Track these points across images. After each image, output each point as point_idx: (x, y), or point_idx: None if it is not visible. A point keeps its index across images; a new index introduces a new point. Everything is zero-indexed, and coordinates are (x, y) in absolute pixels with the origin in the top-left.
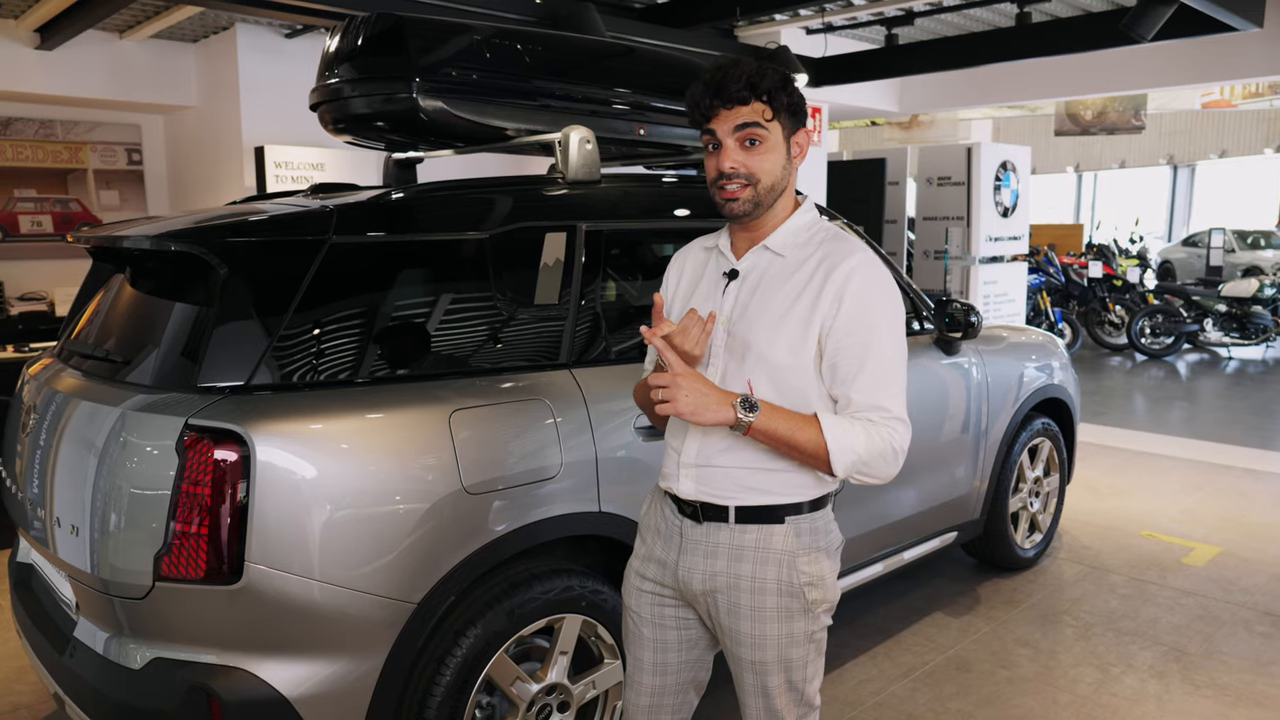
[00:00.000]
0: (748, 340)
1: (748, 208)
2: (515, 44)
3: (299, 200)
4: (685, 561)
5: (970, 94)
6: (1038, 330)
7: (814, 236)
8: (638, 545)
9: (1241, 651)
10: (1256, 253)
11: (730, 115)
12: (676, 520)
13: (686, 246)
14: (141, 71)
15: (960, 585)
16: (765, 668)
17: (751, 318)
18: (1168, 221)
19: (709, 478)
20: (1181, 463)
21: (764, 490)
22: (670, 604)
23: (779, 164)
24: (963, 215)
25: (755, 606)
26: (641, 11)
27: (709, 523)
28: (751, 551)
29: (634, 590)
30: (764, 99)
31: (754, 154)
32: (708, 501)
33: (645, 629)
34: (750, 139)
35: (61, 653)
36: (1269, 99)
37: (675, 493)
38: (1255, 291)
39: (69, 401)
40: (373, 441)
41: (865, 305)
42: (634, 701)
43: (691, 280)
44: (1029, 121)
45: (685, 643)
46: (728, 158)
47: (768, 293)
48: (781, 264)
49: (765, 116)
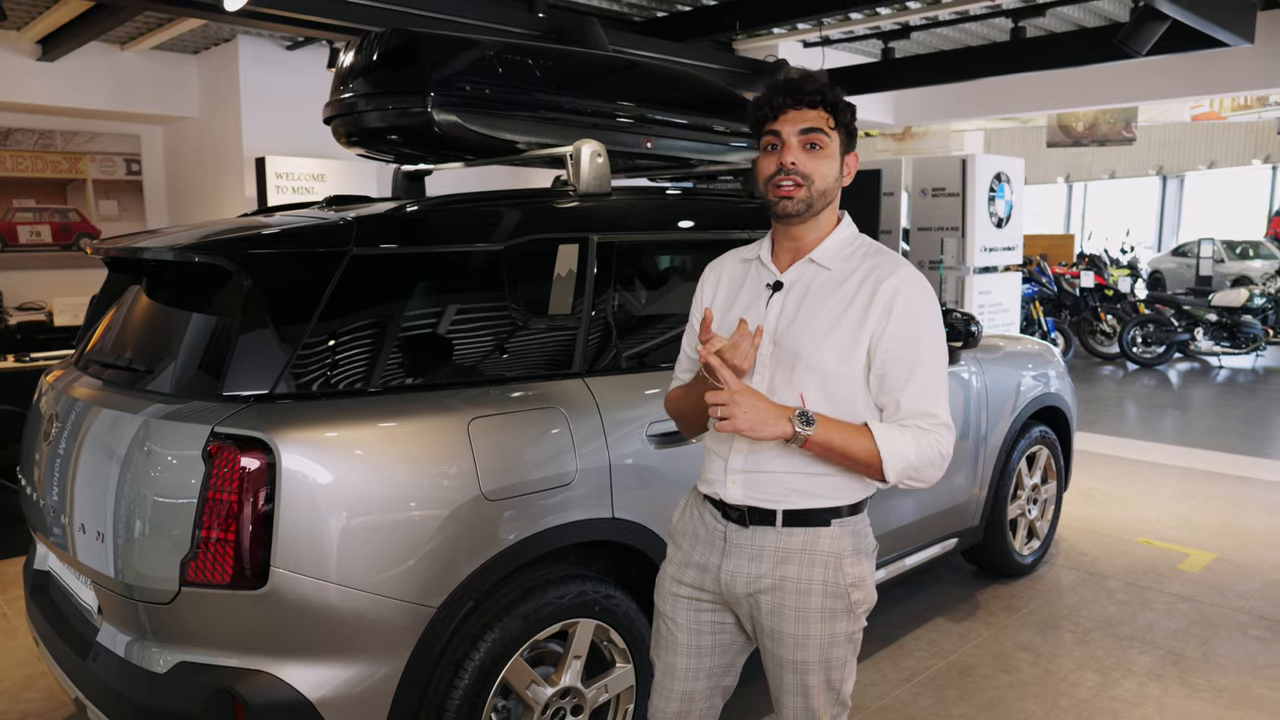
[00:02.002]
0: (797, 350)
1: (800, 207)
2: (526, 59)
3: (316, 212)
4: (729, 565)
5: (965, 106)
6: (1034, 339)
7: (856, 251)
8: (672, 551)
9: (1238, 655)
10: (1245, 263)
11: (797, 116)
12: (720, 524)
13: (720, 258)
14: (142, 82)
15: (960, 591)
16: (807, 667)
17: (800, 328)
18: (1157, 232)
19: (758, 483)
20: (1175, 470)
21: (811, 494)
22: (708, 609)
23: (834, 173)
24: (958, 226)
25: (800, 607)
26: (640, 25)
27: (755, 526)
28: (798, 554)
29: (669, 596)
30: (830, 109)
31: (814, 157)
32: (755, 506)
33: (681, 634)
34: (813, 143)
35: (84, 658)
36: (1257, 111)
37: (722, 498)
38: (1245, 301)
39: (91, 410)
40: (394, 449)
41: (913, 317)
42: (662, 709)
43: (730, 291)
44: (1019, 133)
45: (719, 647)
46: (790, 154)
47: (815, 304)
48: (827, 276)
49: (829, 125)
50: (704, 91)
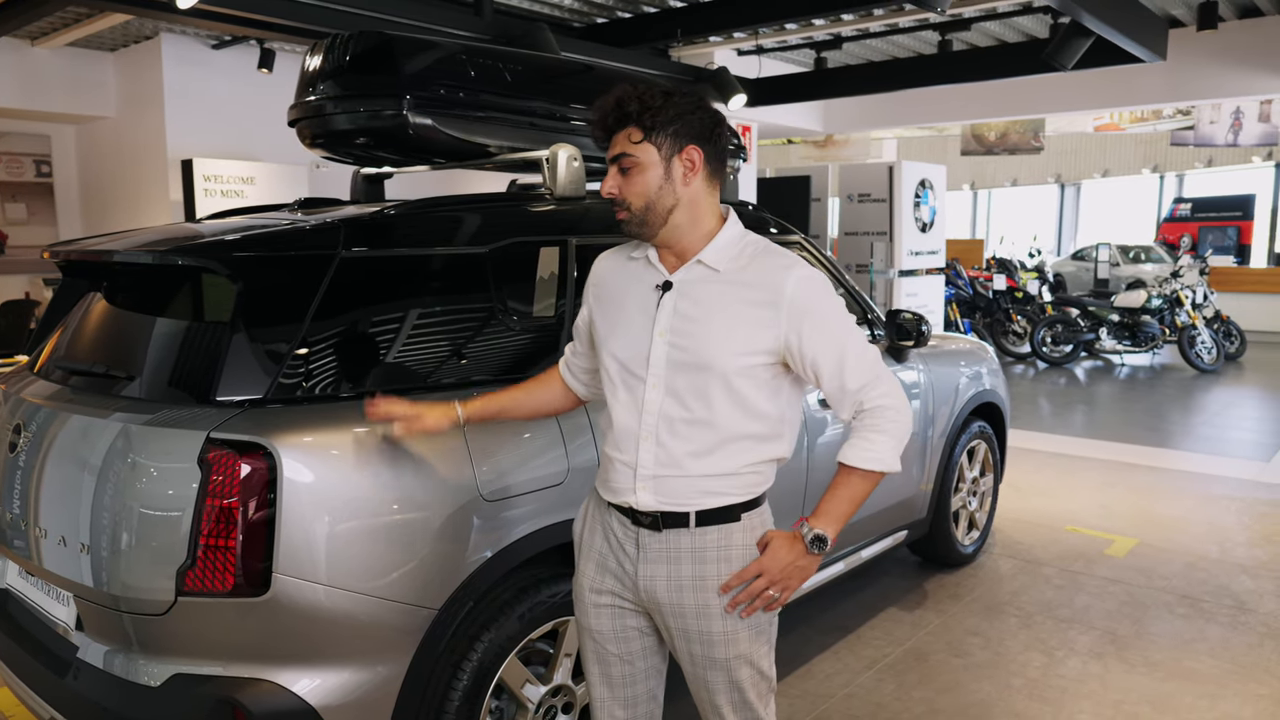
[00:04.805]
0: (699, 354)
1: (634, 229)
2: (497, 62)
3: (292, 215)
4: (646, 570)
5: (890, 115)
6: (970, 338)
7: (744, 251)
8: (583, 564)
9: (1167, 632)
10: (1138, 266)
11: (612, 145)
12: (630, 530)
13: (606, 254)
14: (54, 80)
15: (908, 582)
16: (738, 662)
17: (695, 331)
18: (1057, 237)
19: (669, 488)
20: (1093, 462)
21: (721, 493)
22: (631, 614)
23: (653, 185)
24: (885, 230)
25: (725, 603)
26: (580, 31)
27: (669, 530)
28: (715, 551)
29: (590, 609)
30: (635, 122)
31: (628, 180)
32: (668, 510)
33: (610, 645)
34: (623, 167)
35: (62, 676)
36: (1153, 123)
37: (632, 505)
38: (1144, 302)
39: (59, 417)
40: (392, 451)
41: (821, 311)
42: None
43: (620, 282)
44: (930, 141)
45: (648, 650)
46: (608, 182)
47: (711, 306)
48: (716, 277)
49: (633, 139)
50: None
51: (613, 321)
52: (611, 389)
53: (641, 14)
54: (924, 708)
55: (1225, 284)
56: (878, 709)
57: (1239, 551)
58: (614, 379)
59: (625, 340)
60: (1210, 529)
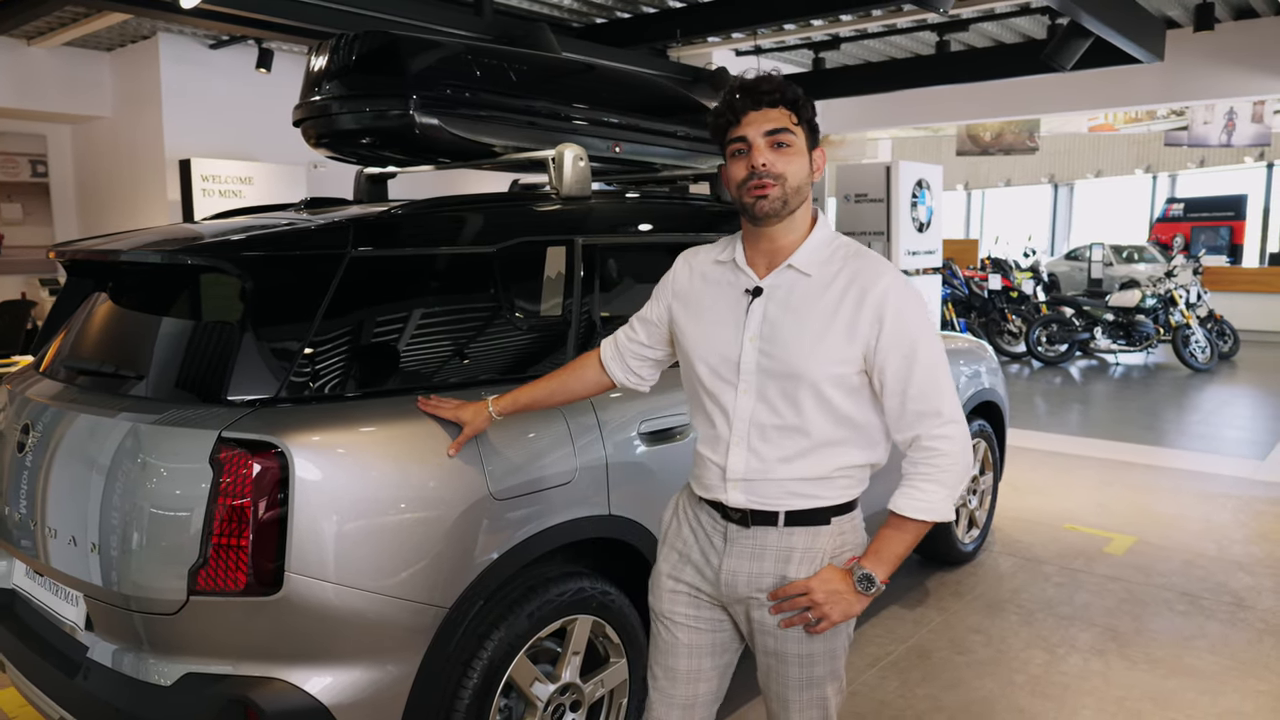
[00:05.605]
0: (789, 361)
1: (776, 205)
2: (502, 62)
3: (299, 214)
4: (730, 564)
5: (888, 116)
6: (969, 337)
7: (835, 254)
8: (666, 552)
9: (1167, 629)
10: (1132, 266)
11: (760, 118)
12: (719, 524)
13: (694, 250)
14: (51, 80)
15: (909, 580)
16: (813, 659)
17: (788, 338)
18: (1050, 237)
19: (759, 489)
20: (1090, 461)
21: (812, 496)
22: (707, 605)
23: (804, 170)
24: (883, 230)
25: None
26: (579, 31)
27: (757, 526)
28: (800, 553)
29: (666, 594)
30: (791, 106)
31: (783, 155)
32: (757, 509)
33: (681, 634)
34: (780, 142)
35: (71, 676)
36: (1146, 124)
37: (722, 502)
38: (1139, 302)
39: (68, 416)
40: (403, 450)
41: (904, 322)
42: (663, 717)
43: (703, 286)
44: (924, 141)
45: (718, 646)
46: (760, 155)
47: (802, 312)
48: (808, 283)
49: (793, 122)
50: (677, 98)
51: (701, 325)
52: (702, 393)
53: (640, 14)
54: (928, 705)
55: (1218, 283)
56: (881, 706)
57: (1236, 549)
58: (704, 383)
59: (715, 345)
60: (1207, 526)
